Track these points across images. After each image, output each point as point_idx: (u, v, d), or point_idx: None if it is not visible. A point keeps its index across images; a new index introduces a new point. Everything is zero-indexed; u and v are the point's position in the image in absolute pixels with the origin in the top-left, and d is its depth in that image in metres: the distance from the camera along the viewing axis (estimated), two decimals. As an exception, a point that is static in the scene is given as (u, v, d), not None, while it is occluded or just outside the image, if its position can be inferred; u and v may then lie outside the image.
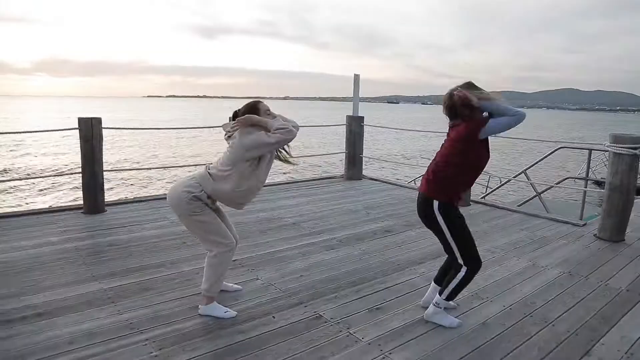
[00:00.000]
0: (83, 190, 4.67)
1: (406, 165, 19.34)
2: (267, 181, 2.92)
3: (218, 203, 2.66)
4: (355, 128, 6.98)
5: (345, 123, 7.12)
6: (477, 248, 2.57)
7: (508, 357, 2.28)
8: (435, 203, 2.48)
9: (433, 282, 2.82)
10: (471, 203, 5.57)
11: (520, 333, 2.52)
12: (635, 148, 4.05)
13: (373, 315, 2.69)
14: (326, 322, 2.57)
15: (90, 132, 4.51)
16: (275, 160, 2.69)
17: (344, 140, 7.15)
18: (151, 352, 2.21)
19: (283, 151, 2.74)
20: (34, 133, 7.43)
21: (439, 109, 2.60)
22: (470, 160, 2.46)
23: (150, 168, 10.31)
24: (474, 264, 2.54)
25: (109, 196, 11.99)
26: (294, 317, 2.62)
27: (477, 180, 2.80)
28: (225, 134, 2.71)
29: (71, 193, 12.71)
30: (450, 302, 2.80)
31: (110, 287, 2.93)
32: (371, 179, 7.23)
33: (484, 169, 2.55)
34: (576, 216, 5.56)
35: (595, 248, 4.09)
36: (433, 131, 2.49)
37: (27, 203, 11.57)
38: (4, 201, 11.65)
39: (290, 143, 2.63)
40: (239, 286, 2.99)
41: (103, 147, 4.71)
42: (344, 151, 7.16)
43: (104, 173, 4.78)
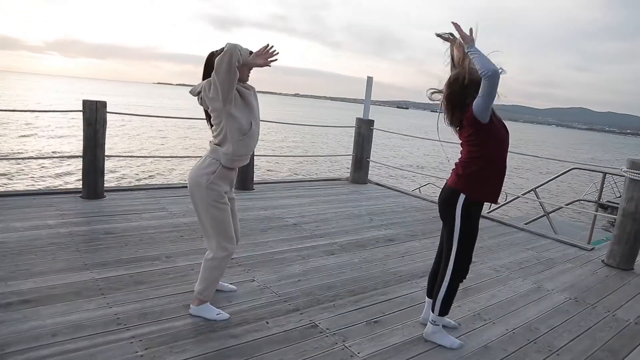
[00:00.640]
0: (83, 174, 4.58)
1: (414, 173, 19.20)
2: (270, 178, 2.80)
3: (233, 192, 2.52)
4: (364, 131, 6.86)
5: (354, 125, 7.00)
6: (481, 265, 2.45)
7: (510, 386, 2.17)
8: (461, 197, 2.36)
9: (427, 297, 2.71)
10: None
11: (523, 360, 2.41)
12: (652, 175, 3.92)
13: (371, 328, 2.58)
14: (321, 333, 2.47)
15: (94, 116, 4.42)
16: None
17: (352, 142, 7.04)
18: (137, 352, 2.11)
19: None
20: (39, 113, 7.36)
21: None
22: (494, 150, 2.33)
23: (154, 157, 10.22)
24: (461, 273, 2.45)
25: (111, 182, 11.98)
26: (289, 325, 2.52)
27: None
28: (198, 100, 2.50)
29: (72, 176, 12.66)
30: (450, 321, 2.70)
31: (101, 278, 2.84)
32: (377, 184, 7.12)
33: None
34: (584, 239, 5.43)
35: (602, 275, 3.96)
36: (446, 141, 2.38)
37: (27, 184, 11.54)
38: (4, 182, 11.60)
39: (295, 140, 2.50)
40: (234, 286, 2.89)
41: (106, 132, 4.62)
42: (351, 154, 7.05)
43: (106, 158, 4.69)
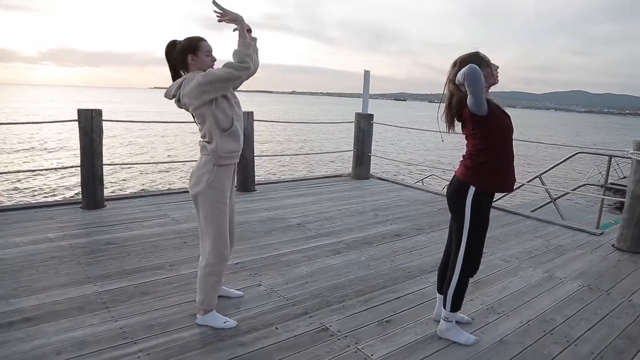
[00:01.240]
0: (82, 184, 4.52)
1: (416, 165, 19.13)
2: (271, 178, 2.73)
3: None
4: (364, 126, 6.79)
5: (354, 120, 6.93)
6: (491, 255, 2.38)
7: (529, 382, 2.11)
8: (471, 189, 2.29)
9: (437, 293, 2.65)
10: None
11: (540, 354, 2.35)
12: (660, 155, 3.85)
13: (383, 329, 2.52)
14: (332, 336, 2.41)
15: (89, 124, 4.35)
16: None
17: (352, 137, 6.97)
18: (144, 366, 2.06)
19: None
20: (35, 124, 7.30)
21: None
22: (498, 139, 2.27)
23: (154, 162, 10.16)
24: (470, 269, 2.38)
25: (112, 190, 11.93)
26: (299, 329, 2.46)
27: None
28: (174, 100, 2.38)
29: (71, 187, 12.61)
30: (464, 316, 2.64)
31: (105, 290, 2.78)
32: (379, 179, 7.05)
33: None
34: (591, 224, 5.35)
35: (614, 259, 3.89)
36: (445, 132, 2.32)
37: (25, 197, 11.48)
38: (2, 195, 11.55)
39: (294, 139, 2.44)
40: (241, 292, 2.83)
41: (103, 140, 4.55)
42: (352, 149, 6.98)
43: (104, 167, 4.63)
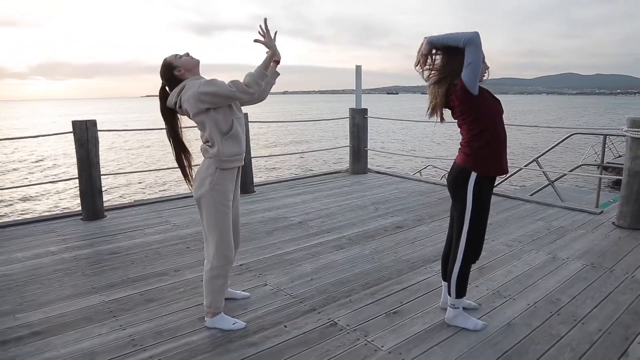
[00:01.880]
0: (80, 196, 4.51)
1: (412, 157, 19.15)
2: (270, 179, 2.74)
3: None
4: (359, 120, 6.79)
5: (348, 116, 6.93)
6: (493, 241, 2.39)
7: (540, 363, 2.12)
8: (472, 175, 2.30)
9: (442, 281, 2.66)
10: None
11: (549, 334, 2.36)
12: (655, 131, 3.86)
13: (391, 320, 2.52)
14: (341, 330, 2.42)
15: (85, 136, 4.34)
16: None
17: (347, 133, 6.97)
18: (156, 372, 2.06)
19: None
20: (31, 138, 7.27)
21: None
22: (490, 120, 2.28)
23: (152, 170, 10.14)
24: (472, 255, 2.39)
25: (110, 200, 11.90)
26: (307, 326, 2.46)
27: None
28: (175, 107, 2.37)
29: (70, 199, 12.57)
30: (470, 302, 2.65)
31: (111, 300, 2.77)
32: (377, 173, 7.05)
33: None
34: (591, 203, 5.38)
35: (615, 237, 3.91)
36: (435, 121, 2.33)
37: (25, 212, 11.44)
38: (1, 212, 11.51)
39: (291, 138, 2.44)
40: (247, 293, 2.83)
41: (100, 150, 4.54)
42: (348, 145, 6.98)
43: (102, 177, 4.62)
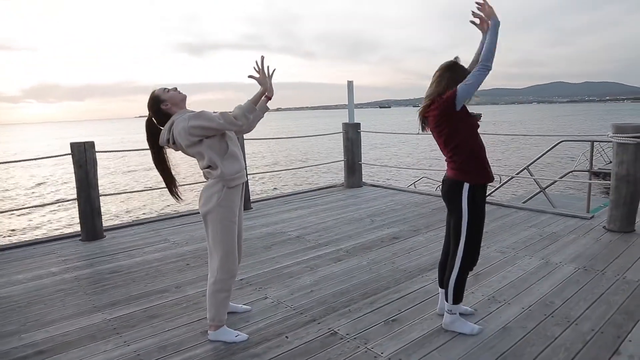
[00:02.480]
0: (80, 216, 4.56)
1: (406, 169, 19.29)
2: (267, 195, 2.82)
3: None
4: (352, 135, 6.91)
5: (341, 131, 7.05)
6: (487, 248, 2.47)
7: (535, 363, 2.19)
8: (465, 186, 2.38)
9: (439, 288, 2.73)
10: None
11: (543, 335, 2.43)
12: (638, 137, 3.99)
13: (389, 327, 2.58)
14: (342, 339, 2.47)
15: (83, 157, 4.41)
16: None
17: (342, 147, 7.08)
18: (162, 385, 2.10)
19: None
20: (29, 161, 7.33)
21: None
22: (464, 134, 2.38)
23: (150, 189, 10.18)
24: (469, 262, 2.46)
25: (109, 220, 11.90)
26: (309, 336, 2.51)
27: None
28: (168, 144, 2.44)
29: (70, 220, 12.55)
30: (467, 308, 2.72)
31: (113, 317, 2.81)
32: (372, 186, 7.15)
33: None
34: (582, 209, 5.49)
35: (606, 240, 4.01)
36: (428, 134, 2.43)
37: (24, 234, 11.41)
38: (1, 234, 11.48)
39: (285, 154, 2.52)
40: (248, 306, 2.88)
41: (98, 171, 4.61)
42: (343, 159, 7.08)
43: (101, 197, 4.67)
